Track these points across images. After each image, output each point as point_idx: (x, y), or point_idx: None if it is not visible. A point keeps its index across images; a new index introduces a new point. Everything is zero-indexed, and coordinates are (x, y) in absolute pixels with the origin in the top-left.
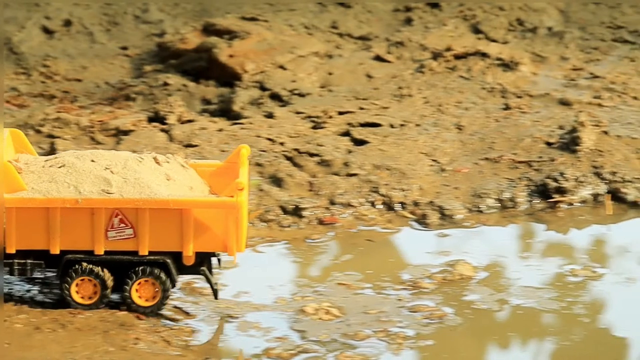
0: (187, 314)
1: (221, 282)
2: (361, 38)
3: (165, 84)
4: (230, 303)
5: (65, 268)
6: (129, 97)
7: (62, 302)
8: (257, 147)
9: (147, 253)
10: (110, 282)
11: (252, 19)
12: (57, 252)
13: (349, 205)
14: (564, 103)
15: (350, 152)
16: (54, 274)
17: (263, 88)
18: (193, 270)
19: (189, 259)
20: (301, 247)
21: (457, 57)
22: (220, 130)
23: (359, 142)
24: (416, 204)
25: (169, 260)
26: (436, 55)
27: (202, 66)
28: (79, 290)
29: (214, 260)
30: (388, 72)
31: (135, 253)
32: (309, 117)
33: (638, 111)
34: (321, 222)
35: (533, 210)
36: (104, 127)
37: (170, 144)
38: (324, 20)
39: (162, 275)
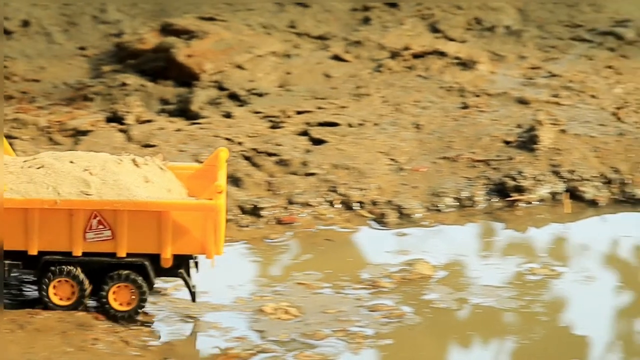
0: (145, 314)
1: (180, 283)
2: (319, 37)
3: (124, 84)
4: (189, 303)
5: (43, 269)
6: (87, 97)
7: (21, 303)
8: (216, 147)
9: (125, 255)
10: (88, 283)
11: (210, 19)
12: (35, 253)
13: (308, 204)
14: (522, 102)
15: (308, 151)
16: (13, 275)
17: (221, 88)
18: (171, 272)
19: (166, 261)
20: (260, 246)
21: (415, 56)
22: (179, 130)
23: (318, 142)
24: (374, 203)
25: (146, 263)
26: (394, 55)
27: (160, 66)
28: (57, 291)
29: (191, 262)
30: (346, 72)
31: (113, 255)
32: (267, 116)
33: (596, 110)
34: (280, 221)
35: (491, 209)
36: (62, 128)
37: (128, 144)
38: (282, 20)
39: (140, 280)
